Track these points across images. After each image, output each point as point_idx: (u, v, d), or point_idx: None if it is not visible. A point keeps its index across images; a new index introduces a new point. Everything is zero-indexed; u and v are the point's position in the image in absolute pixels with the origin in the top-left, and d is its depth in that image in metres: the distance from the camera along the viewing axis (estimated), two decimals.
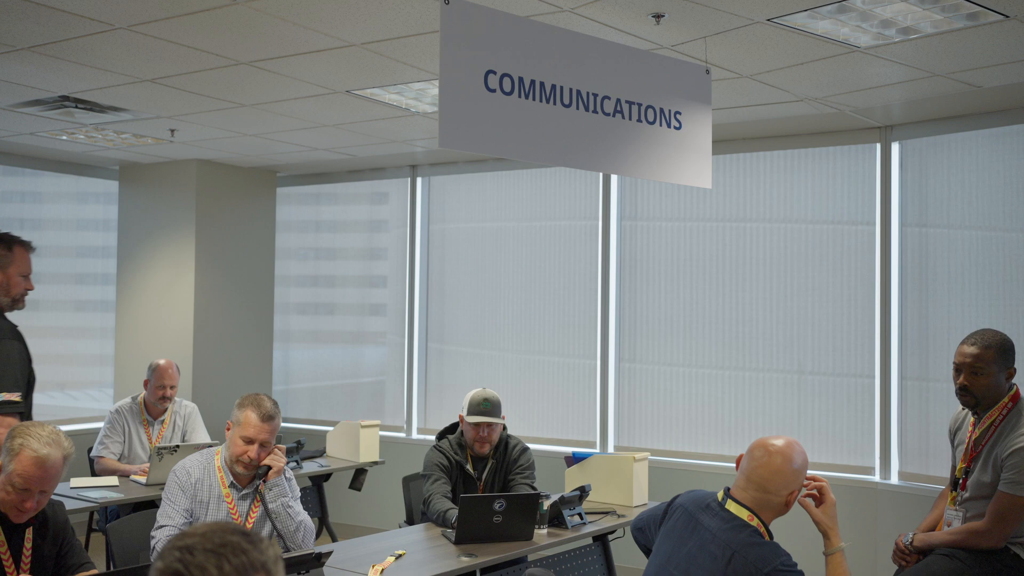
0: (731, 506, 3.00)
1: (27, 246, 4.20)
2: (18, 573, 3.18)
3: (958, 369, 3.78)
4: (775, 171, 6.53)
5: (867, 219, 6.24)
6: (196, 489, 3.89)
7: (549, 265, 7.42)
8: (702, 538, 2.98)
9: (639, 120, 4.02)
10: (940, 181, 5.92)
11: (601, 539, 4.94)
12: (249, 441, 3.84)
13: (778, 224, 6.53)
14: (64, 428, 3.31)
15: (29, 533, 3.24)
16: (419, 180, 8.05)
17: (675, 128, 4.18)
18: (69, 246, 8.35)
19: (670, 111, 4.15)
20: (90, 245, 8.42)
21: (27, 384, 4.03)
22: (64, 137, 6.87)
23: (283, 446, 4.01)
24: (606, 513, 4.87)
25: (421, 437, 7.92)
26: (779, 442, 2.97)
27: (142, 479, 5.47)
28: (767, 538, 2.94)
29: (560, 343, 7.36)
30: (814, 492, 3.03)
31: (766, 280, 6.55)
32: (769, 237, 6.55)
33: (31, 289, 4.20)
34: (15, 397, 3.92)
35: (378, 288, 8.46)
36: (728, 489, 3.03)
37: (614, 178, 7.12)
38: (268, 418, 3.86)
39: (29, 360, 4.09)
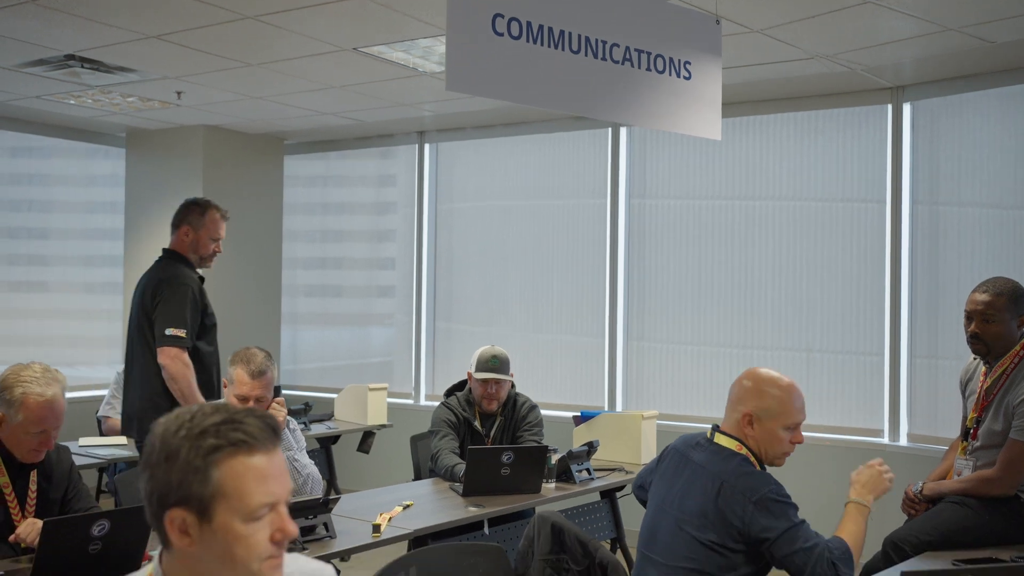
0: (719, 439, 3.02)
1: (222, 214, 4.76)
2: (23, 515, 3.17)
3: (969, 317, 3.74)
4: (784, 138, 6.46)
5: (877, 196, 6.17)
6: None
7: (557, 244, 7.37)
8: (693, 472, 2.98)
9: (648, 69, 3.97)
10: (952, 143, 5.86)
11: (609, 496, 4.93)
12: (243, 399, 3.79)
13: (787, 202, 6.47)
14: (72, 395, 3.32)
15: (34, 476, 3.24)
16: (427, 147, 8.01)
17: (684, 78, 4.13)
18: (77, 219, 8.33)
19: (679, 61, 4.10)
20: (97, 226, 8.40)
21: (201, 327, 4.68)
22: (71, 101, 6.84)
23: (282, 398, 3.98)
24: (614, 470, 4.86)
25: (429, 403, 7.91)
26: (754, 368, 3.07)
27: None
28: (757, 468, 2.94)
29: (568, 322, 7.32)
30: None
31: (775, 258, 6.50)
32: (778, 215, 6.50)
33: (219, 252, 4.83)
34: (181, 333, 4.55)
35: (386, 270, 8.43)
36: (717, 426, 3.06)
37: (622, 155, 7.07)
38: (259, 374, 3.81)
39: (202, 307, 4.70)
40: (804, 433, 6.41)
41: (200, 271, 4.89)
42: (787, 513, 2.84)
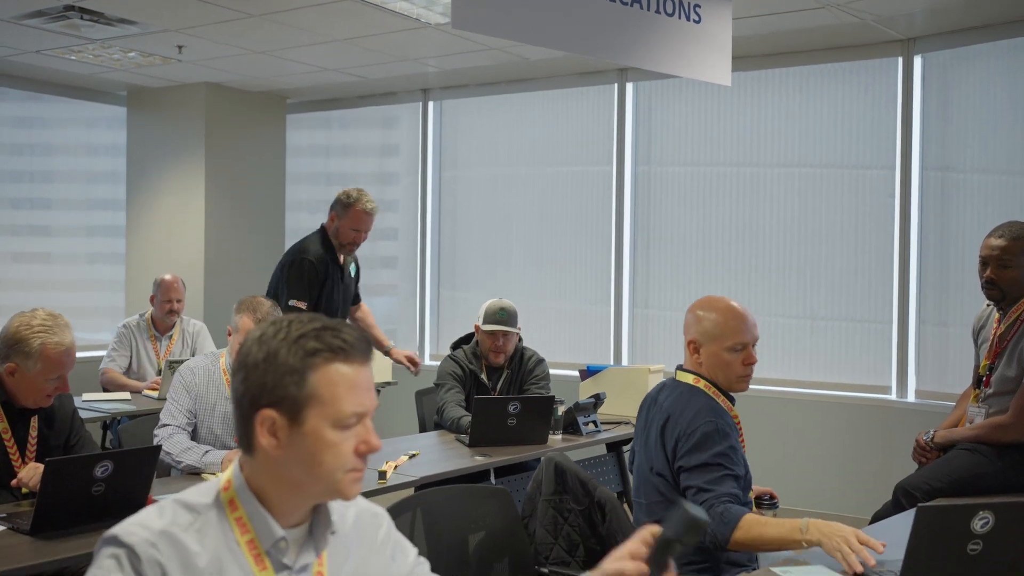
0: (679, 375, 2.98)
1: (367, 209, 5.01)
2: (24, 461, 3.14)
3: (984, 262, 3.68)
4: (792, 97, 6.37)
5: (887, 162, 6.08)
6: (200, 390, 3.83)
7: (563, 212, 7.30)
8: (653, 414, 2.94)
9: (657, 11, 3.90)
10: (963, 98, 5.77)
11: (616, 450, 4.90)
12: None
13: (794, 168, 6.39)
14: (77, 354, 3.29)
15: (34, 421, 3.20)
16: (431, 105, 7.92)
17: (694, 21, 4.06)
18: (79, 171, 8.27)
19: (689, 4, 4.02)
20: (99, 173, 8.33)
21: (318, 300, 4.96)
22: (72, 57, 6.76)
23: None
24: (620, 423, 4.82)
25: (433, 363, 7.86)
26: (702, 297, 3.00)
27: (153, 394, 5.44)
28: (719, 399, 2.88)
29: (574, 289, 7.26)
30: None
31: (782, 225, 6.43)
32: (785, 182, 6.42)
33: (359, 243, 5.12)
34: (301, 304, 4.85)
35: (389, 240, 8.35)
36: (681, 364, 3.02)
37: (628, 121, 6.99)
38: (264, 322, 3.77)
39: (320, 283, 4.99)
40: (809, 391, 6.42)
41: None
42: (710, 450, 2.74)
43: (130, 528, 1.51)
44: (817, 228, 6.31)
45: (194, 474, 3.59)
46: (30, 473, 3.02)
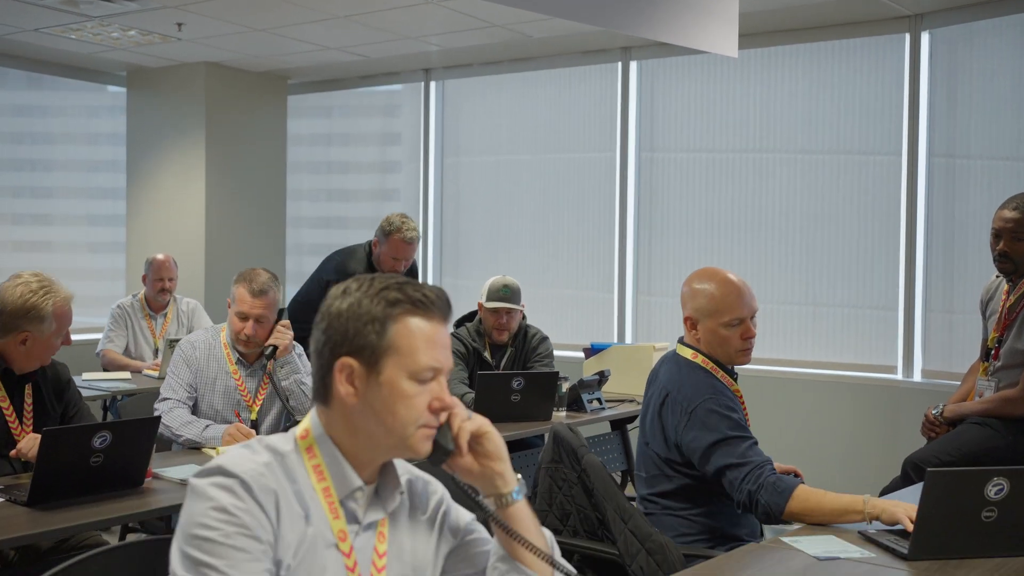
0: (679, 349, 2.93)
1: (406, 238, 5.02)
2: (23, 429, 3.10)
3: (997, 235, 3.61)
4: (798, 76, 6.30)
5: (893, 148, 6.01)
6: (201, 364, 3.78)
7: (566, 199, 7.24)
8: (654, 390, 2.90)
9: None
10: (970, 76, 5.71)
11: (620, 428, 4.86)
12: (244, 317, 3.70)
13: (799, 155, 6.32)
14: (76, 337, 3.27)
15: (29, 389, 3.16)
16: (433, 85, 7.86)
17: None
18: (78, 159, 8.22)
19: None
20: (100, 162, 8.28)
21: None
22: (71, 36, 6.71)
23: (287, 321, 3.87)
24: (625, 401, 4.78)
25: None
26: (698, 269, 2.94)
27: (154, 373, 5.40)
28: (718, 375, 2.83)
29: (577, 276, 7.20)
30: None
31: (786, 212, 6.37)
32: (790, 167, 6.36)
33: (397, 270, 5.03)
34: None
35: None
36: (682, 337, 2.96)
37: (632, 102, 6.92)
38: (260, 293, 3.70)
39: None
40: (814, 371, 6.37)
41: None
42: (720, 426, 2.69)
43: (232, 460, 1.50)
44: (823, 214, 6.26)
45: (195, 448, 3.55)
46: (29, 444, 2.98)
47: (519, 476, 1.66)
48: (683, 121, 6.73)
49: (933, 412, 3.74)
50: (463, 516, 1.73)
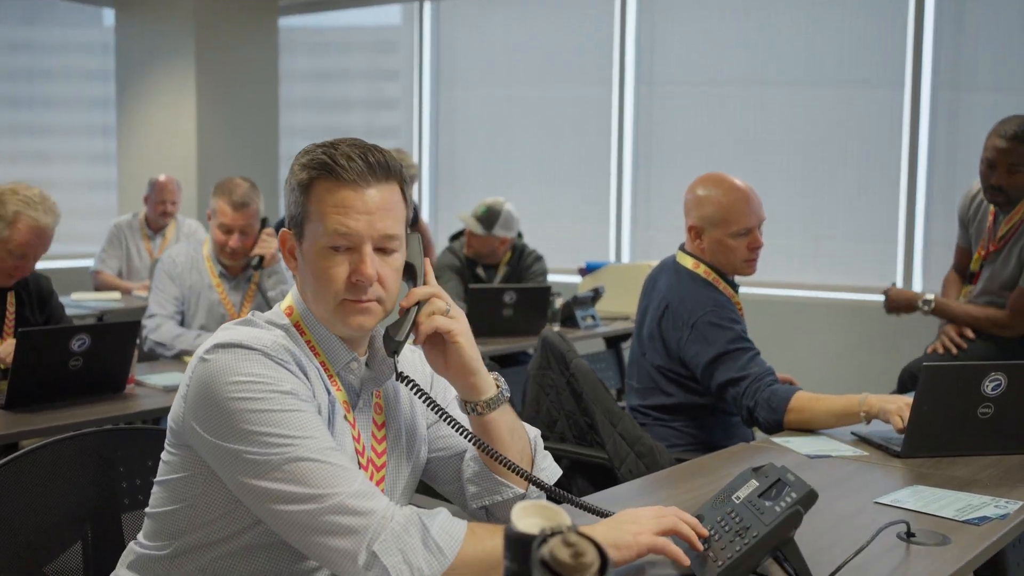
0: (680, 257, 2.86)
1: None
2: (2, 337, 3.05)
3: (991, 165, 3.38)
4: (800, 2, 6.12)
5: (896, 80, 5.84)
6: (184, 277, 3.72)
7: (562, 135, 7.07)
8: (652, 300, 2.83)
9: None
10: (978, 8, 5.54)
11: (615, 346, 4.81)
12: (227, 230, 3.65)
13: (801, 87, 6.15)
14: (67, 264, 3.17)
15: (11, 298, 3.10)
16: (427, 7, 7.64)
17: None
18: (69, 87, 8.10)
19: None
20: (90, 93, 8.16)
21: None
22: None
23: (271, 229, 3.80)
24: (619, 319, 4.72)
25: None
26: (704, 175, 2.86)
27: (144, 294, 5.34)
28: (720, 286, 2.77)
29: (574, 207, 7.06)
30: None
31: (786, 145, 6.22)
32: (791, 100, 6.19)
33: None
34: None
35: None
36: (683, 244, 2.89)
37: (630, 30, 6.74)
38: (242, 205, 3.63)
39: None
40: (811, 293, 6.31)
41: None
42: (721, 338, 2.64)
43: (245, 335, 1.45)
44: (823, 147, 6.12)
45: (178, 358, 3.51)
46: (7, 349, 2.92)
47: (498, 377, 1.60)
48: (682, 50, 6.56)
49: (922, 304, 3.61)
50: (450, 393, 1.69)
